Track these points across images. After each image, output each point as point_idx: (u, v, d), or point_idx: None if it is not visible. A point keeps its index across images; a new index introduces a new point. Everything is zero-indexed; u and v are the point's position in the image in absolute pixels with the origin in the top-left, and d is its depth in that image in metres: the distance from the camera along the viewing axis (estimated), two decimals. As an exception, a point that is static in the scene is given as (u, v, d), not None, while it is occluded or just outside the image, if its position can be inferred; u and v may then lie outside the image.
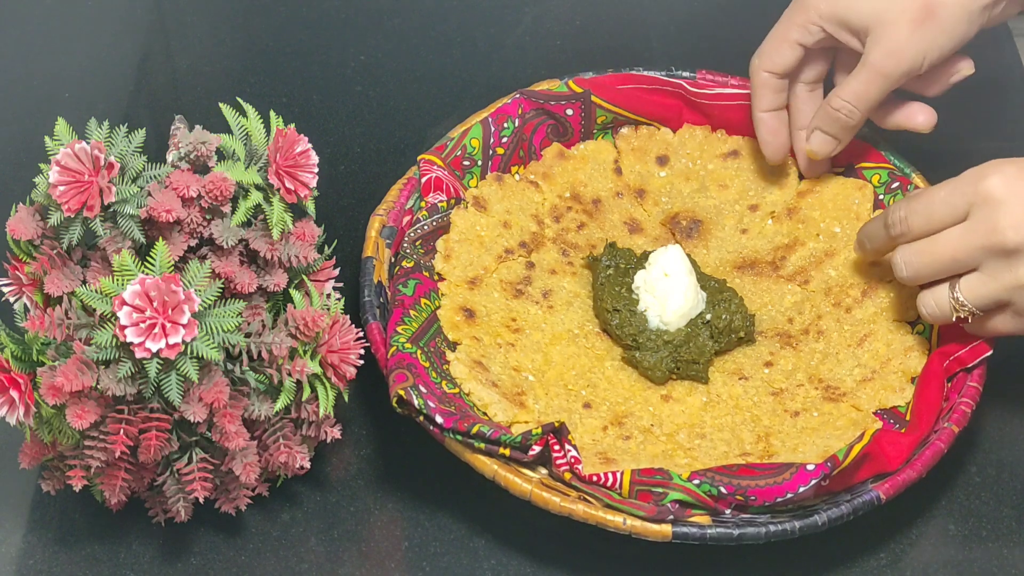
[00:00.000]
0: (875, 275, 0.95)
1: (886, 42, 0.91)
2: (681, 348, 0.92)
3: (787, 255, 0.98)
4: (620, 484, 0.83)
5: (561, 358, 0.92)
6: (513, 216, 0.99)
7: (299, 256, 0.81)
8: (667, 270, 0.93)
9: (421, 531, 0.87)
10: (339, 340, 0.81)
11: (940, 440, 0.84)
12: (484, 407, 0.87)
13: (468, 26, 1.19)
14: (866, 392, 0.90)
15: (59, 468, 0.83)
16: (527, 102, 1.01)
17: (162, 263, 0.75)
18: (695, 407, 0.91)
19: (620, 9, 1.21)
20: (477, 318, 0.93)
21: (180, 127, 0.82)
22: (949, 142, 1.04)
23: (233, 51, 1.18)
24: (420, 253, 0.94)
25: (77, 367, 0.74)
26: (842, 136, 0.96)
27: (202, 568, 0.85)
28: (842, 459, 0.81)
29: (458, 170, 0.99)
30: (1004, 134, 1.11)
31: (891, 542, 0.87)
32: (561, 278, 0.97)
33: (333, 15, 1.19)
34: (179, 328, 0.73)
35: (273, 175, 0.79)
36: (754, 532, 0.80)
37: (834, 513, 0.81)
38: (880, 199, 0.97)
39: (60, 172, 0.75)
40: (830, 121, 0.95)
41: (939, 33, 0.91)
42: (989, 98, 1.13)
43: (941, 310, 0.86)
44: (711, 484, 0.81)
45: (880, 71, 0.92)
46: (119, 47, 1.18)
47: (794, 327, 0.95)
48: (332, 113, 1.12)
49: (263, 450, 0.83)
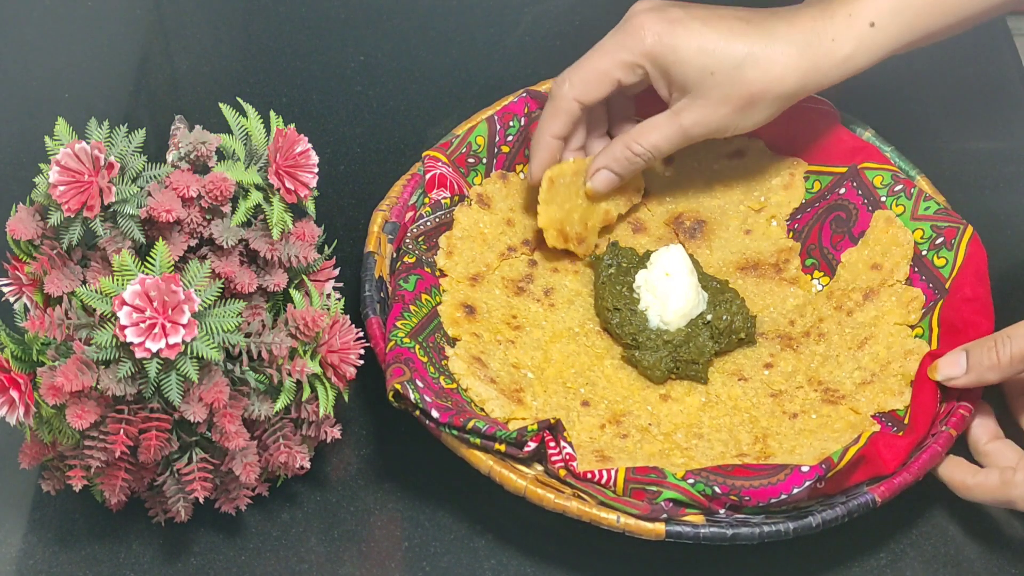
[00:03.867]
0: (877, 278, 0.95)
1: (701, 112, 0.92)
2: (681, 348, 0.92)
3: (790, 258, 0.98)
4: (615, 482, 0.83)
5: (561, 356, 0.92)
6: (517, 214, 0.99)
7: (299, 256, 0.81)
8: (668, 270, 0.93)
9: (421, 531, 0.87)
10: (339, 340, 0.81)
11: (937, 444, 0.84)
12: (482, 403, 0.87)
13: (468, 26, 1.19)
14: (865, 395, 0.90)
15: (59, 468, 0.83)
16: (533, 101, 1.01)
17: (162, 263, 0.75)
18: (693, 407, 0.91)
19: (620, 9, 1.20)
20: (478, 314, 0.93)
21: (180, 127, 0.82)
22: (949, 142, 1.04)
23: (233, 51, 1.18)
24: (422, 249, 0.95)
25: (77, 367, 0.74)
26: (627, 177, 0.96)
27: (202, 568, 0.85)
28: (837, 461, 0.81)
29: (463, 167, 0.99)
30: (1004, 134, 1.11)
31: (890, 543, 0.87)
32: (563, 276, 0.97)
33: (333, 15, 1.19)
34: (179, 328, 0.73)
35: (273, 175, 0.79)
36: (748, 532, 0.80)
37: (829, 515, 0.81)
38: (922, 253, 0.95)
39: (60, 172, 0.75)
40: (623, 163, 0.95)
41: (750, 116, 0.92)
42: (989, 98, 1.13)
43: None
44: (705, 484, 0.81)
45: (686, 132, 0.93)
46: (119, 47, 1.18)
47: (795, 329, 0.95)
48: (332, 113, 1.12)
49: (263, 450, 0.83)
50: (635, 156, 0.94)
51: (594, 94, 0.93)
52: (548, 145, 0.95)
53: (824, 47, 0.90)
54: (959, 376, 0.86)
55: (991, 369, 0.84)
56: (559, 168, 0.95)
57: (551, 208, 0.95)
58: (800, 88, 0.91)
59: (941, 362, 0.87)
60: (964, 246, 0.92)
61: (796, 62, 0.90)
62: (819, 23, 0.90)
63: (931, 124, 1.10)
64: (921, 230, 0.95)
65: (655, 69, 0.92)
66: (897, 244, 0.95)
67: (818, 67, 0.90)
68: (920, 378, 0.88)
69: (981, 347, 0.85)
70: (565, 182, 0.96)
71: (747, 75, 0.90)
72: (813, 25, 0.90)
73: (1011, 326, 0.85)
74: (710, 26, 0.91)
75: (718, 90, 0.91)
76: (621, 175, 0.96)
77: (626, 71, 0.92)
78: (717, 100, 0.91)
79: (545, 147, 0.95)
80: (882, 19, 0.90)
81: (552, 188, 0.95)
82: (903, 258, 0.94)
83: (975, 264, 0.92)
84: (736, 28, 0.91)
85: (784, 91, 0.91)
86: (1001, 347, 0.84)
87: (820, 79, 0.91)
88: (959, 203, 0.97)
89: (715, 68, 0.90)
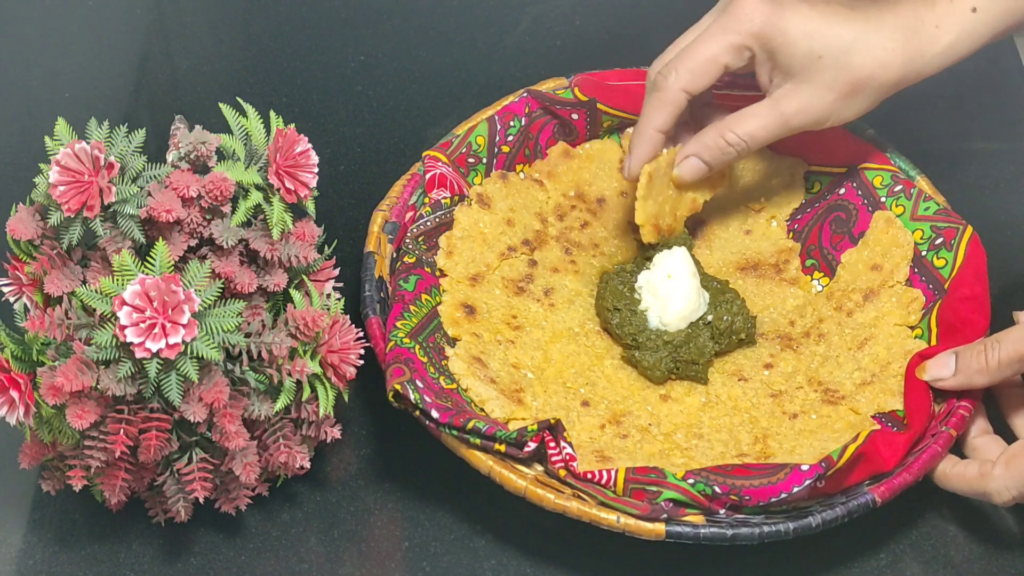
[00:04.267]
0: (877, 279, 0.95)
1: (804, 99, 0.90)
2: (681, 348, 0.92)
3: (790, 259, 0.98)
4: (615, 482, 0.83)
5: (561, 356, 0.92)
6: (517, 214, 0.99)
7: (299, 256, 0.81)
8: (671, 272, 0.93)
9: (421, 531, 0.87)
10: (339, 340, 0.81)
11: (937, 444, 0.84)
12: (482, 403, 0.87)
13: (468, 26, 1.19)
14: (865, 395, 0.90)
15: (59, 468, 0.83)
16: (534, 101, 1.01)
17: (162, 263, 0.75)
18: (693, 407, 0.91)
19: (620, 9, 1.20)
20: (478, 314, 0.93)
21: (180, 127, 0.82)
22: (949, 142, 1.04)
23: (233, 51, 1.18)
24: (422, 249, 0.95)
25: (77, 367, 0.73)
26: (718, 168, 0.94)
27: (202, 568, 0.85)
28: (837, 459, 0.81)
29: (463, 167, 0.99)
30: (1004, 134, 1.11)
31: (890, 543, 0.87)
32: (563, 276, 0.97)
33: (333, 15, 1.19)
34: (179, 328, 0.73)
35: (273, 175, 0.79)
36: (748, 532, 0.80)
37: (829, 515, 0.81)
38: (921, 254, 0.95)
39: (60, 172, 0.75)
40: (716, 152, 0.92)
41: (853, 104, 0.91)
42: (989, 98, 1.13)
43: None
44: (705, 483, 0.81)
45: (787, 122, 0.91)
46: (119, 47, 1.18)
47: (795, 330, 0.95)
48: (332, 113, 1.12)
49: (263, 450, 0.83)
50: (728, 146, 0.92)
51: (703, 82, 0.90)
52: (651, 139, 0.92)
53: (927, 34, 0.89)
54: (947, 378, 0.86)
55: (979, 372, 0.84)
56: (656, 162, 0.93)
57: (648, 204, 0.93)
58: (903, 76, 0.90)
59: (930, 363, 0.87)
60: (964, 246, 0.92)
61: (901, 49, 0.89)
62: (921, 10, 0.89)
63: (931, 124, 1.10)
64: (921, 231, 0.95)
65: (763, 52, 0.89)
66: (897, 245, 0.95)
67: (922, 55, 0.89)
68: (909, 375, 0.88)
69: (971, 350, 0.85)
70: (660, 175, 0.94)
71: (854, 61, 0.88)
72: (916, 12, 0.89)
73: (1002, 331, 0.85)
74: (818, 9, 0.89)
75: (825, 75, 0.89)
76: (711, 164, 0.93)
77: (734, 55, 0.90)
78: (823, 86, 0.89)
79: (648, 141, 0.92)
80: (984, 3, 0.89)
81: (650, 183, 0.93)
82: (903, 259, 0.94)
83: (974, 264, 0.92)
84: (843, 13, 0.89)
85: (888, 79, 0.90)
86: (990, 351, 0.84)
87: (922, 67, 0.90)
88: (959, 203, 0.97)
89: (823, 52, 0.88)
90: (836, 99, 0.90)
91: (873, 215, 0.97)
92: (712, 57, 0.90)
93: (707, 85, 0.91)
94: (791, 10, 0.89)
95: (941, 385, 0.86)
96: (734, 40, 0.89)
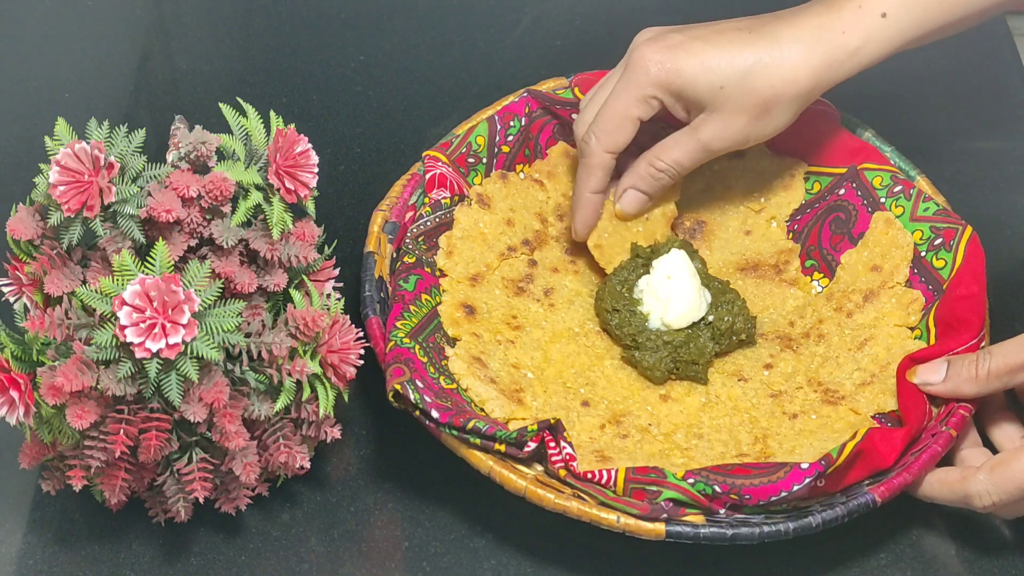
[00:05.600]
0: (877, 280, 0.95)
1: (719, 126, 0.91)
2: (681, 349, 0.92)
3: (790, 259, 0.98)
4: (615, 482, 0.83)
5: (560, 356, 0.92)
6: (517, 214, 0.99)
7: (299, 256, 0.81)
8: (670, 273, 0.93)
9: (421, 531, 0.87)
10: (339, 340, 0.81)
11: (937, 444, 0.84)
12: (482, 403, 0.87)
13: (468, 26, 1.19)
14: (865, 396, 0.90)
15: (59, 468, 0.83)
16: (534, 101, 1.01)
17: (162, 263, 0.75)
18: (693, 407, 0.91)
19: (620, 9, 1.21)
20: (478, 314, 0.93)
21: (180, 127, 0.82)
22: (949, 142, 1.04)
23: (233, 51, 1.18)
24: (422, 249, 0.95)
25: (77, 367, 0.74)
26: (656, 196, 0.96)
27: (202, 568, 0.85)
28: (836, 457, 0.81)
29: (463, 167, 0.99)
30: (1004, 134, 1.11)
31: (890, 543, 0.87)
32: (563, 276, 0.97)
33: (333, 15, 1.19)
34: (179, 328, 0.73)
35: (273, 175, 0.79)
36: (748, 532, 0.80)
37: (828, 515, 0.81)
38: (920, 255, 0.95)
39: (60, 172, 0.75)
40: (650, 182, 0.95)
41: (769, 122, 0.92)
42: (989, 98, 1.13)
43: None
44: (705, 483, 0.81)
45: (706, 147, 0.93)
46: (119, 47, 1.18)
47: (795, 330, 0.95)
48: (332, 113, 1.12)
49: (263, 450, 0.83)
50: (659, 172, 0.94)
51: (622, 139, 0.93)
52: (590, 201, 0.95)
53: (834, 41, 0.90)
54: (936, 383, 0.86)
55: (968, 381, 0.85)
56: (599, 228, 0.96)
57: (610, 263, 0.96)
58: (815, 86, 0.91)
59: (921, 367, 0.87)
60: (963, 246, 0.92)
61: (806, 60, 0.90)
62: (825, 19, 0.90)
63: (931, 124, 1.10)
64: (920, 231, 0.95)
65: (668, 96, 0.91)
66: (897, 246, 0.95)
67: (830, 62, 0.90)
68: (900, 375, 0.89)
69: (963, 359, 0.86)
70: (609, 232, 0.96)
71: (756, 83, 0.90)
72: (819, 21, 0.90)
73: (996, 344, 0.85)
74: (711, 43, 0.91)
75: (731, 102, 0.91)
76: (649, 193, 0.95)
77: (643, 107, 0.92)
78: (732, 112, 0.91)
79: (587, 203, 0.95)
80: (894, 9, 0.89)
81: (600, 249, 0.96)
82: (903, 260, 0.94)
83: (973, 264, 0.92)
84: (738, 39, 0.91)
85: (798, 91, 0.91)
86: (981, 362, 0.85)
87: (834, 74, 0.91)
88: (959, 203, 0.97)
89: (723, 82, 0.90)
90: (749, 121, 0.91)
91: (873, 216, 0.97)
92: (624, 114, 0.92)
93: (627, 141, 0.93)
94: (684, 50, 0.91)
95: (930, 390, 0.86)
96: (638, 93, 0.92)
